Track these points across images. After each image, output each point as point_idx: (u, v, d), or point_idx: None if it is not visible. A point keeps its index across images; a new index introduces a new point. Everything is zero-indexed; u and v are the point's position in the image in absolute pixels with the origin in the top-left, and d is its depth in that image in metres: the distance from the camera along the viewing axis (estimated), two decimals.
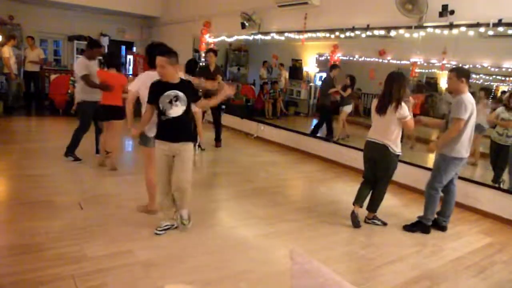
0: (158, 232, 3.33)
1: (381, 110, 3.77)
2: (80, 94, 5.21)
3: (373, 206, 4.05)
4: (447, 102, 6.73)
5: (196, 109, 5.89)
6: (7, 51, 8.35)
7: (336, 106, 7.27)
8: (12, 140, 6.44)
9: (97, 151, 5.53)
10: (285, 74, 9.90)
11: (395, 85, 3.70)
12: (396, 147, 3.81)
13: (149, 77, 3.34)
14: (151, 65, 3.38)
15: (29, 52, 9.05)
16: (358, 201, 4.04)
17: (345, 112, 7.28)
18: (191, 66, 6.21)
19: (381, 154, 3.85)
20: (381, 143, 3.81)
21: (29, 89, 9.26)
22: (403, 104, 3.70)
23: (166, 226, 3.40)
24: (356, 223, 3.96)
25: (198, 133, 6.57)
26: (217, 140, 7.09)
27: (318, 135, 7.29)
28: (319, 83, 9.40)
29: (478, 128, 5.38)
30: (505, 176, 4.94)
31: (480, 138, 5.46)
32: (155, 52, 3.15)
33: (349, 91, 7.13)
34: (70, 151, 5.30)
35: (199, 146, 6.67)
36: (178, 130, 3.22)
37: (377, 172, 3.96)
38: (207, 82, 6.26)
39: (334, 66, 7.24)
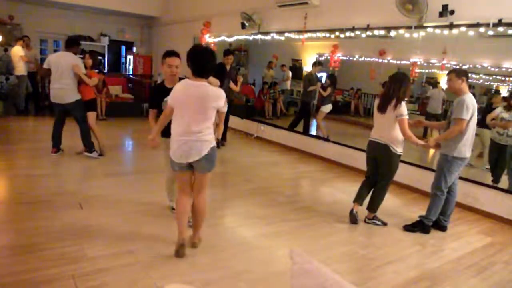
0: None
1: (382, 108, 3.79)
2: (76, 92, 5.30)
3: (373, 206, 4.05)
4: (438, 100, 6.77)
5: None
6: (20, 50, 8.39)
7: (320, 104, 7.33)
8: (12, 140, 6.44)
9: (59, 143, 5.54)
10: (289, 74, 9.91)
11: (398, 86, 3.71)
12: (398, 147, 3.81)
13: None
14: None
15: (26, 52, 9.02)
16: (358, 199, 4.06)
17: (322, 112, 7.25)
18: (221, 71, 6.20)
19: (383, 154, 3.86)
20: (382, 142, 3.83)
21: (27, 89, 9.25)
22: (402, 103, 3.71)
23: None
24: (353, 220, 4.00)
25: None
26: (222, 139, 7.07)
27: (295, 129, 7.36)
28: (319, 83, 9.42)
29: None
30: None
31: None
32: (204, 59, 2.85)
33: (329, 90, 7.13)
34: (91, 146, 5.49)
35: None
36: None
37: (378, 172, 3.97)
38: (231, 84, 6.42)
39: (316, 63, 7.30)
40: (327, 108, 7.29)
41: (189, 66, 2.83)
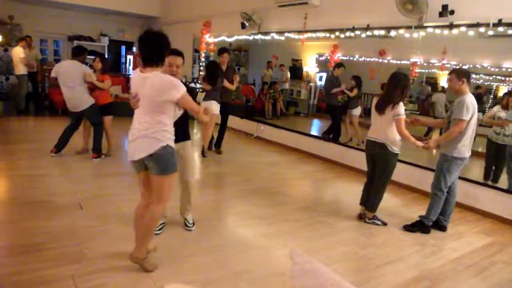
0: (157, 232, 3.32)
1: (381, 108, 3.82)
2: (87, 98, 5.32)
3: (372, 205, 4.05)
4: (441, 103, 6.76)
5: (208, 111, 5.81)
6: (21, 51, 8.41)
7: (345, 106, 7.06)
8: (12, 140, 6.44)
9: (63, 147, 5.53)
10: (287, 75, 9.92)
11: (398, 86, 3.73)
12: (395, 146, 3.83)
13: None
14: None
15: (27, 52, 9.03)
16: (363, 202, 4.15)
17: (354, 115, 6.99)
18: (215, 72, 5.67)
19: (380, 153, 3.89)
20: (380, 141, 3.87)
21: (27, 89, 9.27)
22: (400, 103, 3.73)
23: (161, 224, 3.40)
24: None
25: (202, 138, 6.44)
26: (218, 145, 6.73)
27: (330, 136, 7.06)
28: (319, 83, 9.39)
29: None
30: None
31: None
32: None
33: (355, 91, 6.93)
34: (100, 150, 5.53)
35: (202, 153, 6.38)
36: (178, 131, 3.02)
37: (376, 170, 3.99)
38: (226, 83, 6.21)
39: (338, 65, 7.09)
40: (357, 110, 7.03)
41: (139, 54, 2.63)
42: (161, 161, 2.58)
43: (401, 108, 3.71)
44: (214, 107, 6.08)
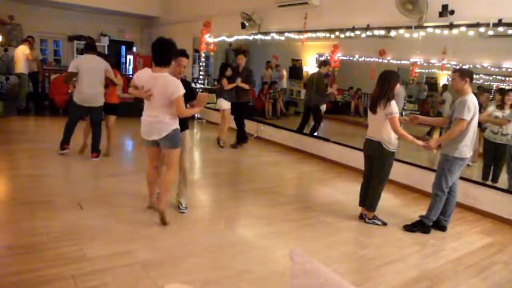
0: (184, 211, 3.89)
1: (373, 108, 3.87)
2: (102, 96, 5.38)
3: (371, 204, 4.05)
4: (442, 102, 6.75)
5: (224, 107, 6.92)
6: (26, 48, 8.45)
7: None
8: (12, 140, 6.44)
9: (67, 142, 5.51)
10: (283, 72, 9.95)
11: (385, 85, 3.79)
12: (390, 145, 3.85)
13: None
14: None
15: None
16: (362, 203, 4.15)
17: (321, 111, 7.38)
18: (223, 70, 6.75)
19: (376, 151, 3.93)
20: (375, 140, 3.91)
21: (28, 89, 9.28)
22: (392, 102, 3.74)
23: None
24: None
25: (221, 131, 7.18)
26: (240, 140, 7.31)
27: (315, 134, 7.25)
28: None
29: None
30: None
31: None
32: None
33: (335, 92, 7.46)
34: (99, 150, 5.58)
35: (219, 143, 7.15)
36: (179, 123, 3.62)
37: (372, 170, 4.01)
38: (241, 83, 6.73)
39: (324, 63, 7.23)
40: (323, 107, 7.42)
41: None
42: (172, 139, 3.43)
43: (393, 107, 3.73)
44: (224, 103, 6.96)
